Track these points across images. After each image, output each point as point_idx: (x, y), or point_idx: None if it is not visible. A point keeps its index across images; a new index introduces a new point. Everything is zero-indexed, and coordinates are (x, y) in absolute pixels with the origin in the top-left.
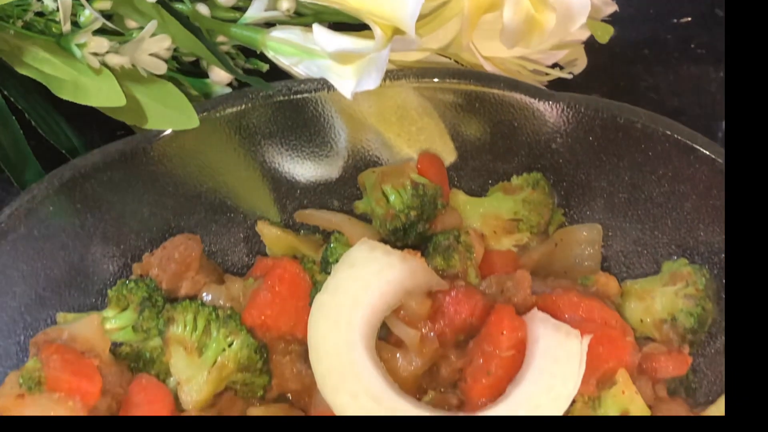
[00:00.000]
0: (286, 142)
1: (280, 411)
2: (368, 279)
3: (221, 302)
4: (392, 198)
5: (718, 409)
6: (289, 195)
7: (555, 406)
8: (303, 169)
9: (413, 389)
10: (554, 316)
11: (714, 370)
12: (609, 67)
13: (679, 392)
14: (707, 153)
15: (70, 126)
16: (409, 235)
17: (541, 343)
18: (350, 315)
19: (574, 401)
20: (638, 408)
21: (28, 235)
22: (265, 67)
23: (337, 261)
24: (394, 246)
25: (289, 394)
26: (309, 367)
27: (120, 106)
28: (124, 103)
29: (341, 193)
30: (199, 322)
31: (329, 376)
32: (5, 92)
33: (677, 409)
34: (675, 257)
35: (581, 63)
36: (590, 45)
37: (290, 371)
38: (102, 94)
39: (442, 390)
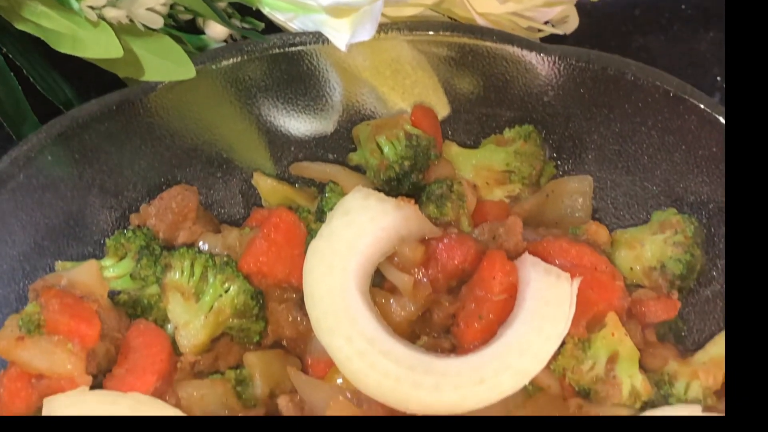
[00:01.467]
0: (282, 95)
1: (276, 356)
2: (363, 226)
3: (218, 251)
4: (386, 149)
5: (706, 354)
6: (285, 149)
7: (545, 347)
8: (298, 123)
9: (407, 334)
10: (545, 261)
11: (703, 318)
12: (600, 27)
13: (668, 338)
14: (697, 103)
15: (67, 84)
16: (402, 185)
17: (532, 286)
18: (345, 261)
19: (564, 343)
20: (627, 349)
21: (27, 185)
22: (261, 25)
23: (332, 210)
24: (388, 195)
25: (284, 342)
26: (304, 314)
27: (117, 57)
28: (121, 54)
29: (336, 146)
30: (196, 269)
31: (324, 319)
32: (4, 49)
33: (666, 353)
34: (664, 207)
35: (573, 21)
36: (582, 5)
37: (286, 318)
38: (100, 46)
39: (435, 335)
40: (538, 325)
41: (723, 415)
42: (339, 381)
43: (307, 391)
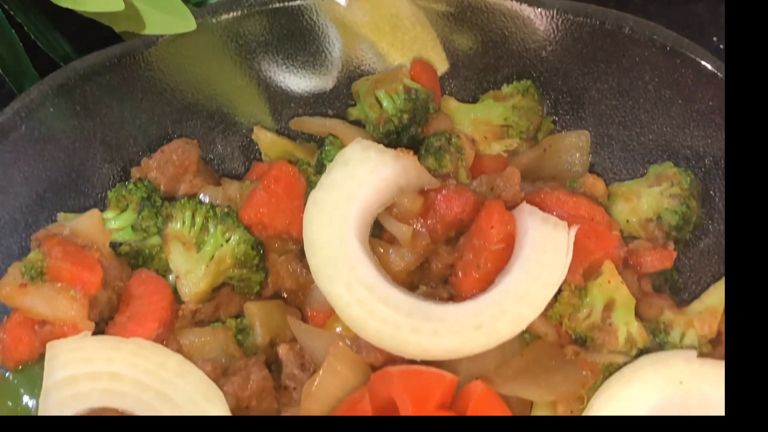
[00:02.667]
0: (281, 51)
1: (276, 307)
2: (362, 176)
3: (218, 203)
4: (385, 103)
5: (701, 303)
6: (284, 104)
7: (542, 293)
8: (298, 79)
9: (405, 285)
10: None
11: (698, 271)
12: None
13: (664, 290)
14: (693, 57)
15: (66, 40)
16: (401, 139)
17: (530, 235)
18: (344, 210)
19: (561, 290)
20: (623, 297)
21: (29, 136)
22: None
23: (331, 162)
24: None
25: (284, 293)
26: (304, 266)
27: (118, 11)
28: (122, 7)
29: (335, 102)
30: (197, 219)
31: (324, 267)
32: (5, 6)
33: (662, 302)
34: (661, 162)
35: None
36: None
37: (286, 270)
38: (100, 0)
39: (433, 285)
40: (536, 272)
41: (719, 360)
42: (338, 330)
43: (306, 339)
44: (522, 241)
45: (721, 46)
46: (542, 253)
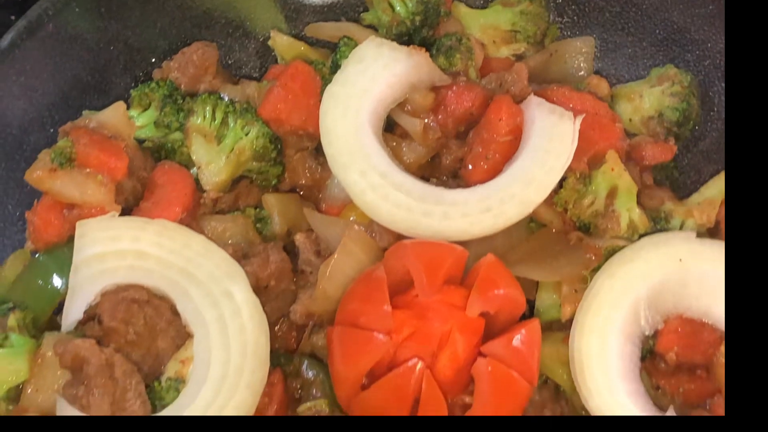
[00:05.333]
0: None
1: (293, 199)
2: (376, 72)
3: (237, 101)
4: (397, 7)
5: (701, 195)
6: (300, 12)
7: (548, 179)
8: None
9: (417, 177)
10: None
11: (698, 170)
12: None
13: (664, 185)
14: None
15: None
16: (413, 41)
17: (537, 125)
18: (359, 103)
19: (566, 177)
20: (626, 183)
21: (56, 35)
22: None
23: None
24: None
25: (300, 190)
26: (320, 163)
27: None
28: None
29: (348, 10)
30: (218, 114)
31: (340, 156)
32: None
33: (662, 194)
34: (662, 65)
35: None
36: None
37: (302, 165)
38: None
39: (444, 178)
40: (542, 158)
41: (717, 240)
42: (352, 219)
43: (322, 227)
44: (529, 131)
45: None
46: (548, 141)
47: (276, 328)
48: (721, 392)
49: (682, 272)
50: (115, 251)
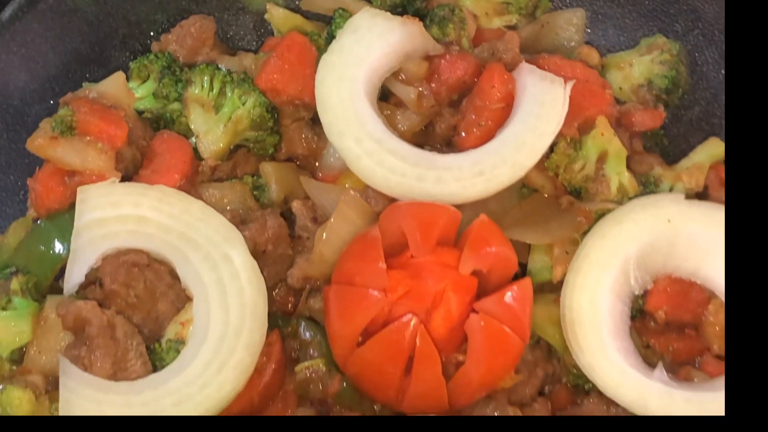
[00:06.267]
0: None
1: (289, 168)
2: (370, 41)
3: (234, 71)
4: None
5: (689, 160)
6: None
7: (539, 143)
8: None
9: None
10: None
11: (687, 138)
12: None
13: (654, 152)
14: None
15: None
16: (407, 12)
17: (528, 90)
18: (354, 71)
19: (556, 142)
20: (616, 148)
21: (56, 8)
22: None
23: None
24: None
25: (296, 161)
26: (315, 133)
27: None
28: None
29: None
30: (215, 84)
31: (335, 124)
32: None
33: (652, 160)
34: (652, 35)
35: None
36: None
37: (298, 135)
38: None
39: (438, 146)
40: (533, 123)
41: (704, 202)
42: (347, 186)
43: (318, 194)
44: (521, 97)
45: None
46: (539, 106)
47: (274, 292)
48: (710, 350)
49: (670, 233)
50: (117, 216)
